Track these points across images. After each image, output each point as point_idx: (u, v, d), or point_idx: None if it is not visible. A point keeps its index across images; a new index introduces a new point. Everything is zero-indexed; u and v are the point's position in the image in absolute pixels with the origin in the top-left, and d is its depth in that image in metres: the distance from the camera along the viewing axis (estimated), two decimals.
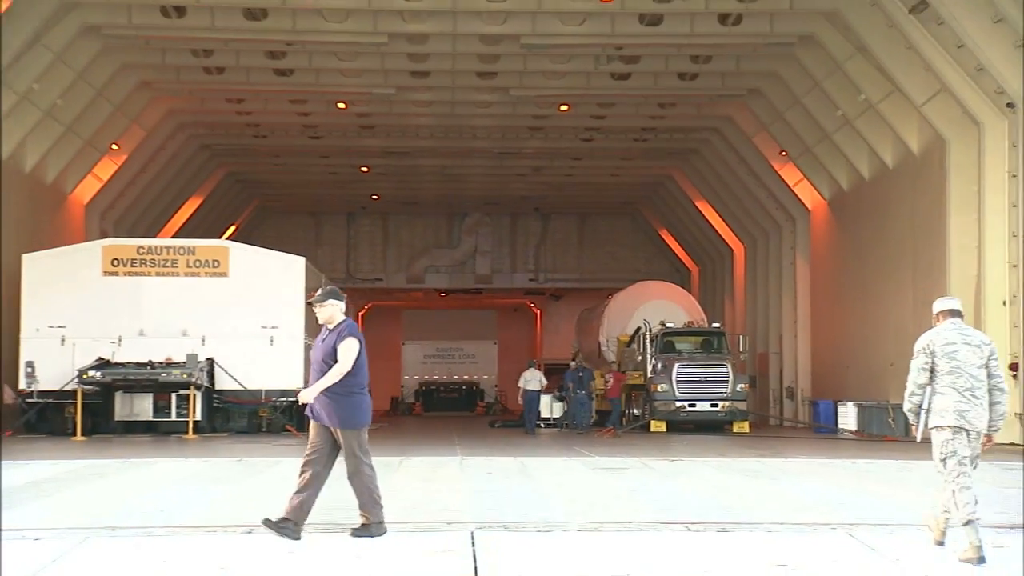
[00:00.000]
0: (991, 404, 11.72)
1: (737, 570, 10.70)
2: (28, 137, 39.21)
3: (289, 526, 11.66)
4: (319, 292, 12.30)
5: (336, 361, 11.72)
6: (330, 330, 11.98)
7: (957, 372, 11.75)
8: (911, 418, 11.98)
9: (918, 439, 12.04)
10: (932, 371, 11.84)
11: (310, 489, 11.84)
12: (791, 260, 50.54)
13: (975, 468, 11.68)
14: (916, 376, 11.86)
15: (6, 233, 37.65)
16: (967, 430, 11.63)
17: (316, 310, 12.15)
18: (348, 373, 11.75)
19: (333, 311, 12.02)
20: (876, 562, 11.12)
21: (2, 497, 8.86)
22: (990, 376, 11.79)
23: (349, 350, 11.77)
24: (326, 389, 11.65)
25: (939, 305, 12.33)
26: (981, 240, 33.27)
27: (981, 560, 11.02)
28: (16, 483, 17.87)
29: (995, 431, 11.81)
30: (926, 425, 11.77)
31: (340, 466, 11.94)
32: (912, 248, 37.44)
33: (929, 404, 11.79)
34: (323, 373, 11.76)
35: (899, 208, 38.72)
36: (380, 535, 11.79)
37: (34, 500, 15.66)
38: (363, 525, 11.86)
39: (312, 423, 12.06)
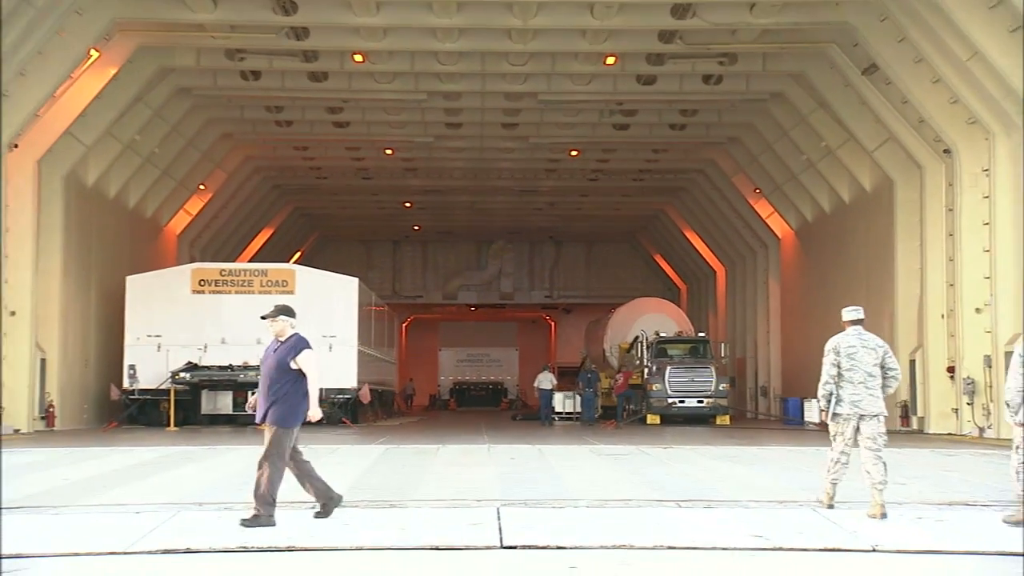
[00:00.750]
0: (884, 388, 12.52)
1: (720, 540, 10.72)
2: (131, 179, 39.64)
3: (325, 511, 11.52)
4: (273, 308, 11.81)
5: (287, 369, 11.28)
6: (281, 342, 11.51)
7: (854, 369, 12.49)
8: (823, 403, 12.64)
9: (828, 421, 12.65)
10: (838, 368, 12.52)
11: (310, 476, 11.56)
12: (764, 280, 50.51)
13: (882, 446, 12.36)
14: (827, 371, 12.57)
15: (113, 260, 37.96)
16: (861, 415, 12.37)
17: (268, 324, 11.65)
18: (301, 376, 11.33)
19: (284, 326, 11.55)
20: (836, 532, 11.12)
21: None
22: (887, 369, 12.54)
23: (310, 359, 11.34)
24: (274, 391, 11.26)
25: (846, 315, 13.09)
26: (923, 264, 33.51)
27: (884, 516, 11.94)
28: (121, 466, 17.99)
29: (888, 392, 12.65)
30: (833, 409, 12.50)
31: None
32: (865, 270, 37.58)
33: (839, 395, 12.46)
34: (273, 380, 11.35)
35: (855, 237, 38.85)
36: (270, 526, 10.98)
37: (136, 480, 15.71)
38: (254, 516, 11.05)
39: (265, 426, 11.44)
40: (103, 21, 31.36)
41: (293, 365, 11.31)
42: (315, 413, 11.51)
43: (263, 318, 11.75)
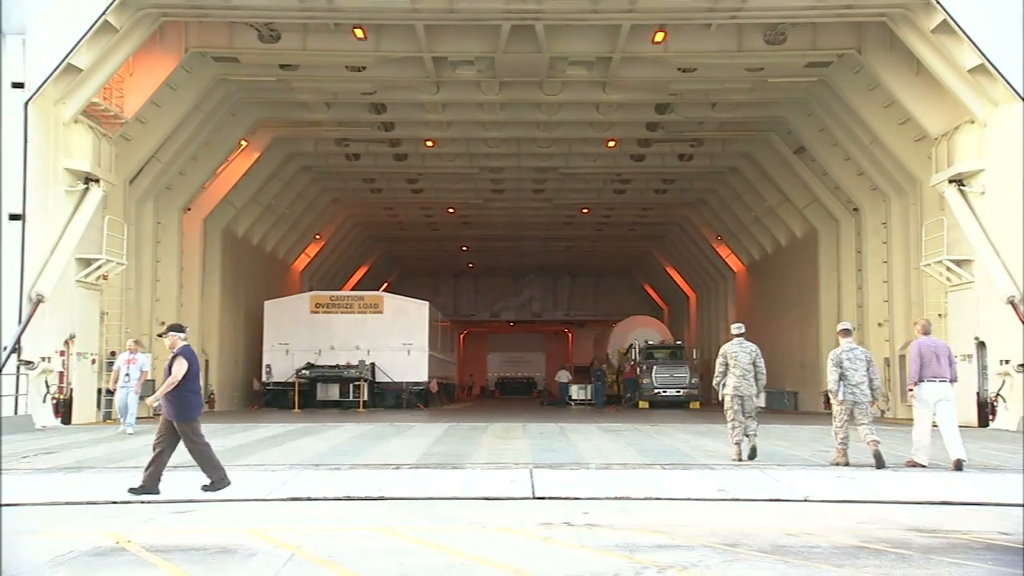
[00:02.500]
0: (756, 379, 13.69)
1: (694, 492, 10.74)
2: (268, 232, 40.10)
3: (145, 490, 10.19)
4: (165, 326, 10.86)
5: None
6: (173, 353, 10.48)
7: (736, 366, 13.68)
8: (717, 390, 14.18)
9: (720, 399, 14.08)
10: (726, 365, 13.72)
11: (158, 463, 10.31)
12: (724, 303, 50.24)
13: (755, 416, 13.85)
14: (719, 368, 13.91)
15: (255, 289, 38.40)
16: (742, 396, 13.63)
17: (164, 339, 10.63)
18: (184, 380, 10.26)
19: (174, 339, 10.49)
20: (777, 487, 11.11)
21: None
22: (756, 367, 13.71)
23: (179, 366, 10.28)
24: (169, 392, 10.24)
25: (733, 330, 14.37)
26: (839, 290, 33.34)
27: (752, 455, 13.51)
28: (260, 437, 18.09)
29: (760, 395, 14.10)
30: (722, 392, 13.88)
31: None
32: (797, 295, 37.36)
33: (724, 382, 13.76)
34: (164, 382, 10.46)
35: (790, 272, 38.66)
36: (224, 487, 10.33)
37: (270, 447, 15.79)
38: (211, 483, 10.37)
39: (161, 416, 10.55)
40: (250, 121, 31.83)
41: (171, 368, 10.39)
42: (149, 401, 10.55)
43: (159, 336, 10.77)
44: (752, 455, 13.48)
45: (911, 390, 13.00)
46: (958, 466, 12.30)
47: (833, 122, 29.44)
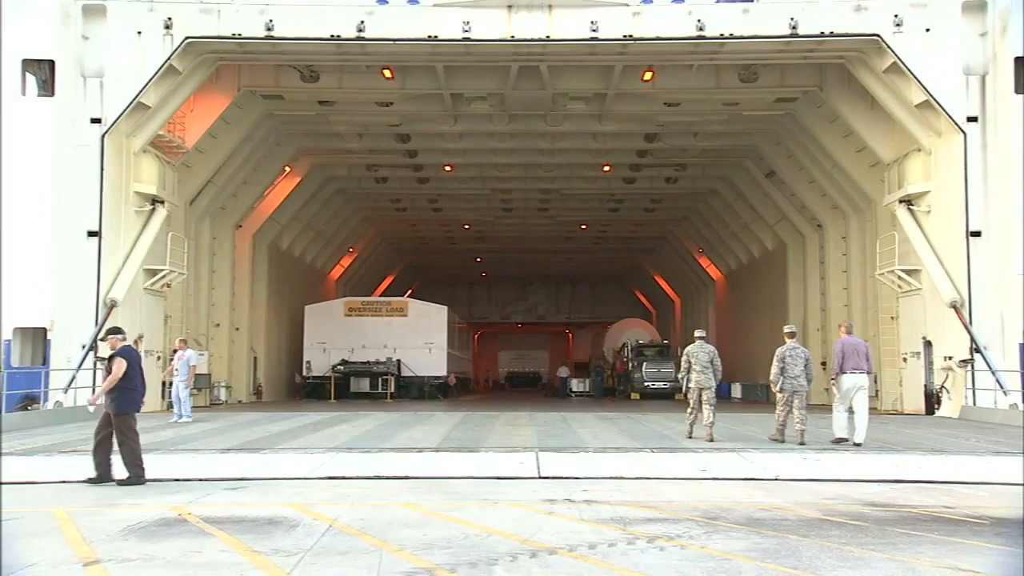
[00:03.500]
0: (713, 375, 14.09)
1: (679, 472, 10.73)
2: (308, 245, 40.07)
3: (101, 479, 9.84)
4: (105, 330, 10.11)
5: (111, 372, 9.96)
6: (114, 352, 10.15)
7: (696, 362, 14.15)
8: (681, 383, 14.59)
9: (685, 391, 14.58)
10: (689, 363, 14.21)
11: (103, 450, 9.92)
12: (705, 307, 50.02)
13: (712, 403, 14.06)
14: (683, 365, 14.36)
15: (296, 295, 38.25)
16: (701, 388, 14.11)
17: (105, 342, 10.23)
18: (124, 376, 9.89)
19: (114, 340, 10.19)
20: (751, 467, 11.06)
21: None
22: (713, 364, 14.16)
23: (119, 366, 9.92)
24: (111, 387, 9.91)
25: (697, 334, 14.87)
26: (805, 296, 33.10)
27: (712, 440, 13.78)
28: (301, 424, 18.07)
29: (717, 378, 14.22)
30: (687, 385, 14.34)
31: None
32: (769, 301, 37.15)
33: (688, 377, 14.25)
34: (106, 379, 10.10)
35: (762, 280, 38.49)
36: (139, 484, 9.76)
37: (311, 433, 15.79)
38: (128, 478, 9.82)
39: (104, 410, 10.12)
40: (292, 150, 31.92)
41: (110, 367, 10.05)
42: (92, 397, 9.76)
43: (101, 340, 10.30)
44: (711, 439, 13.87)
45: (833, 380, 13.84)
46: (857, 447, 13.10)
47: (799, 150, 29.41)
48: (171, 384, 19.88)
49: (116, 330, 10.56)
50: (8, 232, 20.79)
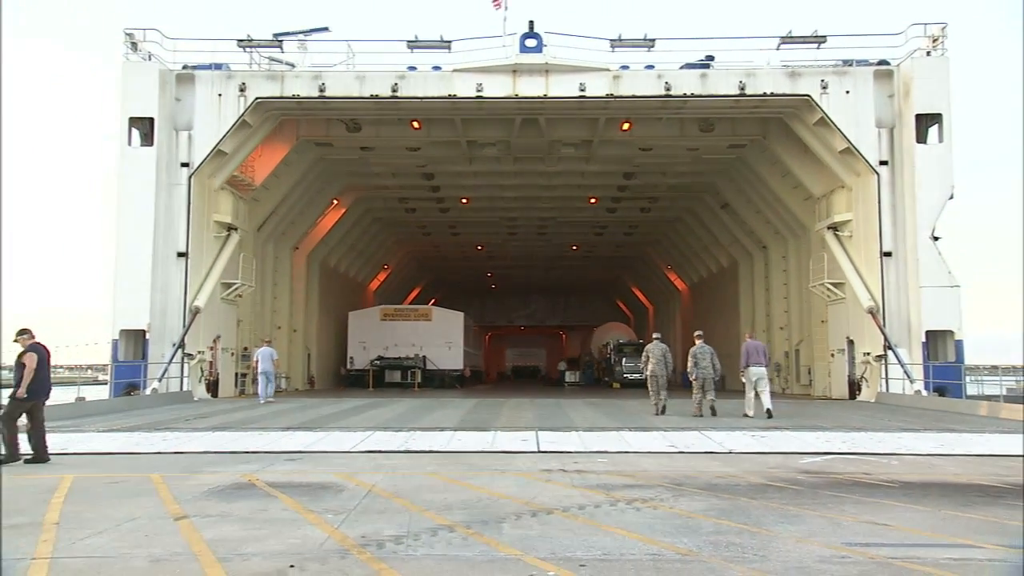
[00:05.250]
0: (666, 367, 15.21)
1: (652, 447, 10.66)
2: (351, 263, 39.96)
3: (38, 459, 9.13)
4: (18, 331, 9.38)
5: (21, 365, 9.12)
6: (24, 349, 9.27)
7: (653, 356, 14.99)
8: (642, 373, 15.80)
9: (644, 378, 15.54)
10: (648, 356, 15.09)
11: (36, 433, 9.22)
12: (674, 313, 49.65)
13: (666, 388, 15.21)
14: (644, 358, 15.41)
15: (341, 303, 37.93)
16: (656, 375, 15.14)
17: (16, 342, 9.33)
18: (35, 368, 9.11)
19: (23, 339, 9.27)
20: (710, 443, 11.01)
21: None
22: (666, 358, 15.28)
23: (31, 360, 9.14)
24: (15, 378, 9.12)
25: (654, 336, 15.67)
26: (754, 306, 32.95)
27: (663, 412, 14.93)
28: (346, 408, 18.03)
29: (669, 369, 15.26)
30: (645, 373, 15.22)
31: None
32: (724, 309, 36.95)
33: (647, 367, 15.17)
34: (15, 372, 9.26)
35: (719, 292, 38.29)
36: (11, 462, 8.99)
37: (353, 415, 15.77)
38: (4, 454, 9.04)
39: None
40: (339, 186, 31.96)
41: (23, 362, 9.20)
42: (19, 393, 9.09)
43: (14, 340, 9.40)
44: (663, 412, 15.10)
45: (742, 372, 15.11)
46: (769, 415, 14.49)
47: (747, 186, 29.40)
48: (247, 375, 20.35)
49: (24, 331, 9.42)
50: (120, 254, 21.40)
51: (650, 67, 22.47)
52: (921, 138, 21.47)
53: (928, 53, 21.75)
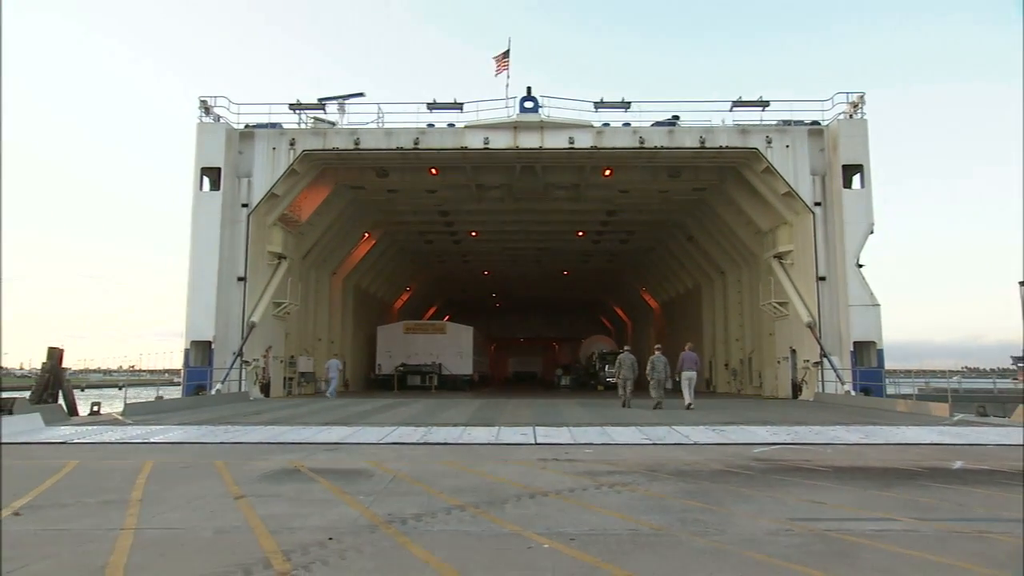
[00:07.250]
0: (632, 373, 16.28)
1: (630, 440, 10.60)
2: (380, 286, 39.86)
3: None
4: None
5: None
6: None
7: (623, 364, 15.67)
8: (617, 377, 16.42)
9: (614, 381, 15.74)
10: (619, 364, 15.79)
11: None
12: (649, 327, 49.17)
13: (632, 389, 16.27)
14: (616, 367, 16.06)
15: (371, 319, 37.63)
16: (625, 379, 16.28)
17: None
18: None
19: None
20: (678, 436, 10.93)
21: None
22: (633, 367, 16.39)
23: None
24: None
25: (625, 348, 16.27)
26: (714, 322, 32.81)
27: (628, 405, 16.23)
28: (374, 407, 17.94)
29: (635, 375, 16.40)
30: (617, 377, 15.85)
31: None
32: (690, 324, 36.77)
33: (619, 372, 16.25)
34: None
35: (686, 309, 38.08)
36: None
37: (380, 412, 15.70)
38: None
39: None
40: (369, 222, 32.00)
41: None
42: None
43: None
44: (627, 404, 16.15)
45: (678, 374, 16.41)
46: (688, 407, 15.67)
47: (708, 222, 29.44)
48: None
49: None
50: (193, 279, 21.70)
51: (627, 124, 22.81)
52: (847, 184, 21.73)
53: (850, 116, 22.08)
